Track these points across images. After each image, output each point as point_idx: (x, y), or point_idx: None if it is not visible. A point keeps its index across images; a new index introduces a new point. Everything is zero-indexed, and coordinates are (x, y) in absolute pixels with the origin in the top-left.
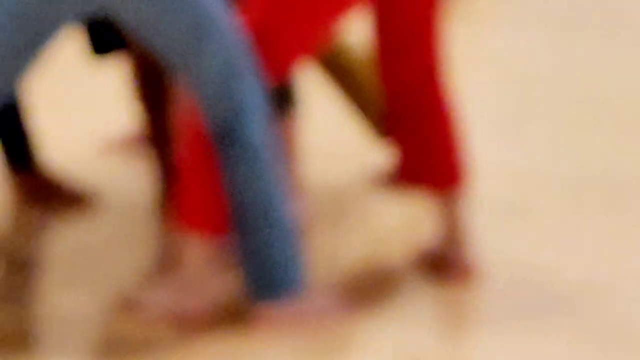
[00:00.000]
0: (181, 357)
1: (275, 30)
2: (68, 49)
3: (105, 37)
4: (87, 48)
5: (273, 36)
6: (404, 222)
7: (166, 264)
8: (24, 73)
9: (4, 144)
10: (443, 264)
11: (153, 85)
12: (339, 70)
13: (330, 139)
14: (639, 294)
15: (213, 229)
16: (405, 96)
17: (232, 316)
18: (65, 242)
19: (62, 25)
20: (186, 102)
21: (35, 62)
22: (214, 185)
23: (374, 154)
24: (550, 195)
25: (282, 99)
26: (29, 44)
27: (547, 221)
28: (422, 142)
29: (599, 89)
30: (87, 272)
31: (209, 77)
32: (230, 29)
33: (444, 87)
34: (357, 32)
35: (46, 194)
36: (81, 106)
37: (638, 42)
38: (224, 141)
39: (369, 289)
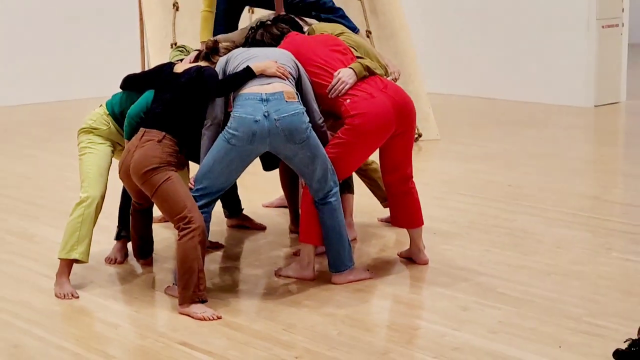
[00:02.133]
0: (302, 294)
1: (338, 162)
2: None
3: (270, 161)
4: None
5: (337, 165)
6: (396, 240)
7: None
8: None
9: (227, 201)
10: (413, 259)
11: (289, 178)
12: (368, 174)
13: (364, 204)
14: (523, 283)
15: (314, 240)
16: (398, 186)
17: (322, 278)
18: (249, 243)
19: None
20: (305, 187)
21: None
22: (315, 222)
23: (383, 211)
24: (463, 231)
25: (345, 185)
26: (243, 165)
27: (460, 240)
28: (404, 206)
29: (502, 186)
30: (256, 255)
31: (315, 179)
32: (324, 159)
33: (413, 182)
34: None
35: (243, 225)
36: (260, 187)
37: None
38: (320, 203)
39: (381, 268)
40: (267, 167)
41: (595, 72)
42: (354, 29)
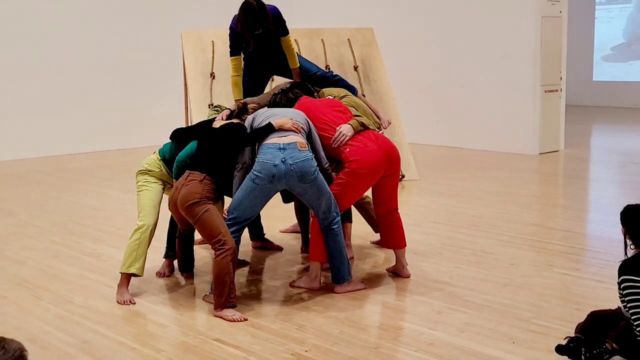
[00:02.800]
0: (311, 301)
1: (339, 197)
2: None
3: (288, 196)
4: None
5: (339, 199)
6: (385, 258)
7: (307, 269)
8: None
9: (253, 227)
10: (398, 273)
11: (301, 209)
12: (363, 206)
13: (359, 230)
14: (484, 292)
15: (320, 259)
16: (386, 216)
17: (327, 288)
18: (269, 261)
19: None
20: (314, 216)
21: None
22: (321, 243)
23: (374, 236)
24: (437, 251)
25: (345, 215)
26: (265, 200)
27: (434, 258)
28: (391, 232)
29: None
30: (275, 270)
31: (321, 209)
32: (329, 194)
33: (398, 213)
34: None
35: (265, 246)
36: (278, 216)
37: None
38: (325, 229)
39: (373, 280)
40: (285, 200)
41: (539, 127)
42: (355, 92)
